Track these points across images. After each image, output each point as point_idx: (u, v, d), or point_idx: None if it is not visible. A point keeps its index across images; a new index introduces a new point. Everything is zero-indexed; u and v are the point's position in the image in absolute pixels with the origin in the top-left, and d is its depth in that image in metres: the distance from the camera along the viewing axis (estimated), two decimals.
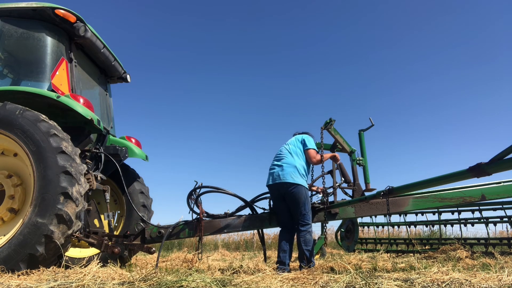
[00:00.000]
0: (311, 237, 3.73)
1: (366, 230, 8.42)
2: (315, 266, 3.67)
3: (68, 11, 3.95)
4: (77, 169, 3.20)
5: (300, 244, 3.66)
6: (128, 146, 4.68)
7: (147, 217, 4.86)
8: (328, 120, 4.51)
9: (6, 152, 3.56)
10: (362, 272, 2.79)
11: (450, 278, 2.32)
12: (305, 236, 3.65)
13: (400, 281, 2.31)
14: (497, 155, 1.98)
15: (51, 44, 3.95)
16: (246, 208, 4.29)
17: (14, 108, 3.28)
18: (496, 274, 2.43)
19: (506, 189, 3.72)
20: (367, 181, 4.82)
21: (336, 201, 4.28)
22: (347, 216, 4.23)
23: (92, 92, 4.74)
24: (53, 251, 3.05)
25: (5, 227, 3.29)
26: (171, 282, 2.28)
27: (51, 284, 2.31)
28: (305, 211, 3.70)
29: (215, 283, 2.25)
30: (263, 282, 2.39)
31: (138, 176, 5.13)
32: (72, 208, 3.07)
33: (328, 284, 2.36)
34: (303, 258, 3.60)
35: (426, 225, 7.43)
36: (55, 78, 3.78)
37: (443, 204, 3.88)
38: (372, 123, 4.83)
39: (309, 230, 3.70)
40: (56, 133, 3.21)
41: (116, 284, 2.34)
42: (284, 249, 3.73)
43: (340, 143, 4.77)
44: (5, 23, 3.88)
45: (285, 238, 3.79)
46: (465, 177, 2.30)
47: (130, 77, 5.41)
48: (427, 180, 2.63)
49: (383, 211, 4.03)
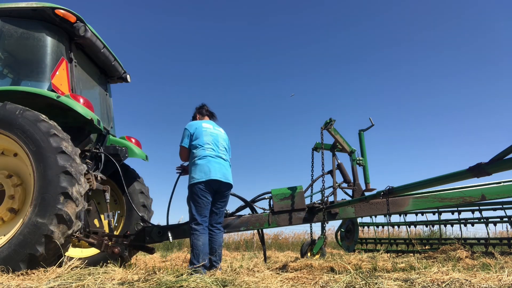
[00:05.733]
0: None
1: (366, 230, 8.41)
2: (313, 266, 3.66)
3: (68, 11, 3.94)
4: (77, 169, 3.20)
5: (221, 244, 3.61)
6: (128, 146, 4.68)
7: (147, 217, 4.86)
8: (328, 120, 4.51)
9: (6, 152, 3.56)
10: (362, 272, 2.79)
11: (450, 278, 2.32)
12: (223, 236, 3.71)
13: (400, 281, 2.31)
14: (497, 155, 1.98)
15: (51, 44, 3.95)
16: (246, 208, 4.30)
17: (14, 108, 3.28)
18: (496, 274, 2.43)
19: (506, 189, 3.72)
20: (367, 181, 4.82)
21: (336, 201, 4.28)
22: (347, 216, 4.23)
23: (92, 92, 4.74)
24: (53, 251, 3.04)
25: (5, 227, 3.29)
26: (171, 282, 2.28)
27: (51, 284, 2.31)
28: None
29: (215, 283, 2.25)
30: (263, 282, 2.39)
31: (138, 176, 5.13)
32: (72, 208, 3.07)
33: (328, 284, 2.36)
34: (221, 258, 3.60)
35: (426, 225, 7.43)
36: (55, 78, 3.78)
37: (443, 204, 3.88)
38: (372, 123, 4.83)
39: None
40: (56, 133, 3.21)
41: (116, 284, 2.34)
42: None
43: (340, 143, 4.77)
44: (5, 23, 3.88)
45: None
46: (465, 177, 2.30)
47: (130, 77, 5.41)
48: (427, 180, 2.63)
49: (383, 211, 4.03)
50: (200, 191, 3.43)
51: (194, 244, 3.35)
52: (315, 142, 5.37)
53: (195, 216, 3.43)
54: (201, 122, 3.77)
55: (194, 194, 3.44)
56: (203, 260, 3.28)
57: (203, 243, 3.37)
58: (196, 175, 3.46)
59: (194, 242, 3.36)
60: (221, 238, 3.65)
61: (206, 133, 3.64)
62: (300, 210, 4.12)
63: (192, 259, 3.32)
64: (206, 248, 3.40)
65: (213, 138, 3.64)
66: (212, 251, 3.49)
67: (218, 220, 3.64)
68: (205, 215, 3.47)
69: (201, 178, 3.42)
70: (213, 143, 3.61)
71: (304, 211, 4.12)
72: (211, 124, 3.81)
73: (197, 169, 3.48)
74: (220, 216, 3.66)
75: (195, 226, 3.41)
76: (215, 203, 3.59)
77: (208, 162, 3.48)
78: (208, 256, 3.39)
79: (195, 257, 3.31)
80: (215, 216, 3.61)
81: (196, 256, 3.30)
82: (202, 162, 3.49)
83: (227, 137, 3.89)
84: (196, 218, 3.42)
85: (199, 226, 3.41)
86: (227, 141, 3.83)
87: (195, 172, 3.48)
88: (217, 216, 3.63)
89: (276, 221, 4.10)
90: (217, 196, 3.57)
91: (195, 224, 3.41)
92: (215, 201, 3.58)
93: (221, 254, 3.62)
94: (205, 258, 3.32)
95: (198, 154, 3.54)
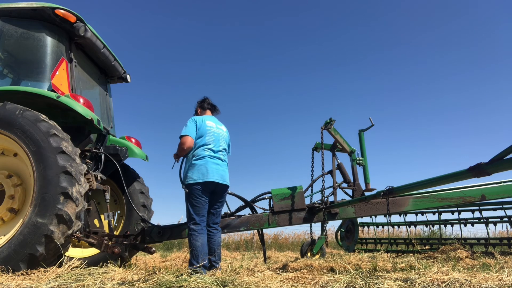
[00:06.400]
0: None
1: (366, 230, 8.41)
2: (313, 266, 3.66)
3: (68, 11, 3.94)
4: (77, 169, 3.20)
5: (219, 244, 3.60)
6: (128, 146, 4.68)
7: (147, 217, 4.86)
8: (328, 120, 4.51)
9: (6, 152, 3.56)
10: (362, 272, 2.79)
11: (450, 278, 2.32)
12: (221, 236, 3.72)
13: (400, 281, 2.31)
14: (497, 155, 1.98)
15: (51, 44, 3.95)
16: (246, 208, 4.30)
17: (14, 108, 3.28)
18: (496, 274, 2.43)
19: (506, 189, 3.72)
20: (367, 181, 4.82)
21: (336, 201, 4.28)
22: (347, 216, 4.23)
23: (92, 92, 4.74)
24: (53, 251, 3.04)
25: (5, 227, 3.29)
26: (171, 282, 2.28)
27: (51, 284, 2.31)
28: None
29: (215, 283, 2.25)
30: (263, 282, 2.39)
31: (138, 176, 5.13)
32: (72, 208, 3.07)
33: (328, 284, 2.36)
34: (220, 258, 3.60)
35: (426, 225, 7.43)
36: (55, 78, 3.78)
37: (443, 204, 3.88)
38: (372, 123, 4.83)
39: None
40: (56, 133, 3.21)
41: (116, 284, 2.35)
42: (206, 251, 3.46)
43: (340, 143, 4.77)
44: (5, 23, 3.88)
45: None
46: (465, 177, 2.30)
47: (130, 77, 5.41)
48: (427, 180, 2.63)
49: (383, 211, 4.03)
50: (197, 191, 3.43)
51: (193, 244, 3.35)
52: (315, 142, 5.37)
53: (193, 216, 3.43)
54: (205, 119, 3.70)
55: (192, 194, 3.45)
56: (203, 260, 3.27)
57: (202, 243, 3.37)
58: (194, 175, 3.45)
59: (192, 242, 3.36)
60: (220, 238, 3.65)
61: (210, 132, 3.62)
62: (300, 210, 4.12)
63: (192, 260, 3.31)
64: (205, 248, 3.39)
65: (214, 138, 3.63)
66: (211, 251, 3.49)
67: (216, 220, 3.64)
68: (203, 215, 3.47)
69: (198, 179, 3.42)
70: (214, 144, 3.60)
71: (304, 211, 4.13)
72: (214, 121, 3.78)
73: (194, 169, 3.47)
74: (217, 216, 3.66)
75: (193, 226, 3.41)
76: (212, 204, 3.58)
77: (206, 163, 3.48)
78: (207, 256, 3.38)
79: (194, 257, 3.30)
80: (212, 217, 3.61)
81: (196, 257, 3.30)
82: (200, 163, 3.48)
83: (228, 134, 3.87)
84: (194, 218, 3.43)
85: (197, 226, 3.41)
86: (227, 140, 3.82)
87: (192, 172, 3.47)
88: (214, 217, 3.63)
89: (276, 221, 4.10)
90: (214, 196, 3.57)
91: (193, 224, 3.42)
92: (212, 201, 3.57)
93: (220, 254, 3.62)
94: (205, 258, 3.31)
95: (197, 153, 3.53)
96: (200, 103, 3.97)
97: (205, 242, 3.41)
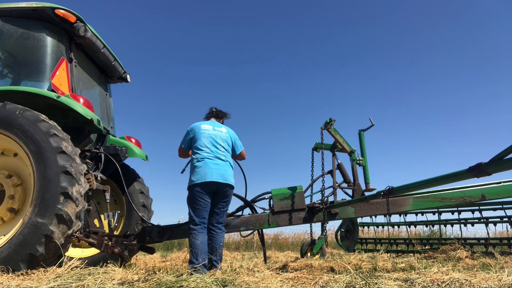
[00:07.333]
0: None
1: (366, 230, 8.42)
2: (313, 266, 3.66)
3: (68, 11, 3.94)
4: (77, 169, 3.20)
5: (221, 244, 3.61)
6: (128, 146, 4.68)
7: (147, 217, 4.86)
8: (328, 120, 4.51)
9: (6, 152, 3.56)
10: (362, 272, 2.80)
11: (450, 278, 2.32)
12: (224, 236, 3.71)
13: (400, 281, 2.31)
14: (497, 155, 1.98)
15: (51, 44, 3.95)
16: (246, 208, 4.30)
17: (14, 108, 3.28)
18: (496, 274, 2.43)
19: (506, 189, 3.72)
20: (367, 181, 4.82)
21: (336, 201, 4.28)
22: (347, 216, 4.23)
23: (92, 92, 4.74)
24: (53, 251, 3.04)
25: (5, 227, 3.29)
26: (171, 282, 2.28)
27: (51, 284, 2.31)
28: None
29: (215, 283, 2.25)
30: (263, 282, 2.39)
31: (138, 176, 5.13)
32: (72, 208, 3.07)
33: (328, 284, 2.36)
34: (221, 258, 3.61)
35: (426, 225, 7.43)
36: (55, 78, 3.78)
37: (443, 204, 3.88)
38: (372, 123, 4.82)
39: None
40: (56, 133, 3.21)
41: (116, 284, 2.35)
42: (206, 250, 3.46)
43: (340, 143, 4.77)
44: (5, 23, 3.88)
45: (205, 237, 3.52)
46: (465, 177, 2.30)
47: (130, 77, 5.41)
48: (427, 180, 2.63)
49: (383, 211, 4.03)
50: (197, 193, 3.46)
51: (193, 243, 3.38)
52: (315, 142, 5.37)
53: (193, 217, 3.47)
54: (200, 124, 3.79)
55: (192, 196, 3.49)
56: (203, 259, 3.28)
57: (201, 242, 3.39)
58: (194, 177, 3.51)
59: (192, 241, 3.39)
60: (222, 237, 3.65)
61: (204, 135, 3.67)
62: (300, 210, 4.12)
63: (191, 258, 3.32)
64: (205, 247, 3.41)
65: (211, 139, 3.65)
66: (212, 250, 3.50)
67: (219, 220, 3.65)
68: (203, 217, 3.50)
69: (197, 180, 3.47)
70: (211, 145, 3.63)
71: (304, 211, 4.13)
72: (211, 124, 3.81)
73: (194, 171, 3.53)
74: (221, 216, 3.67)
75: (193, 226, 3.45)
76: (216, 204, 3.60)
77: (205, 165, 3.52)
78: (207, 255, 3.39)
79: (194, 256, 3.32)
80: (216, 216, 3.62)
81: (195, 255, 3.31)
82: (199, 165, 3.53)
83: (230, 134, 3.86)
84: (194, 219, 3.46)
85: (197, 226, 3.45)
86: (228, 140, 3.81)
87: (192, 175, 3.54)
88: (218, 216, 3.64)
89: (276, 221, 4.10)
90: (218, 196, 3.59)
91: (193, 225, 3.46)
92: (216, 201, 3.60)
93: (221, 254, 3.62)
94: (204, 257, 3.33)
95: (196, 156, 3.60)
96: (206, 115, 4.10)
97: (205, 241, 3.44)
